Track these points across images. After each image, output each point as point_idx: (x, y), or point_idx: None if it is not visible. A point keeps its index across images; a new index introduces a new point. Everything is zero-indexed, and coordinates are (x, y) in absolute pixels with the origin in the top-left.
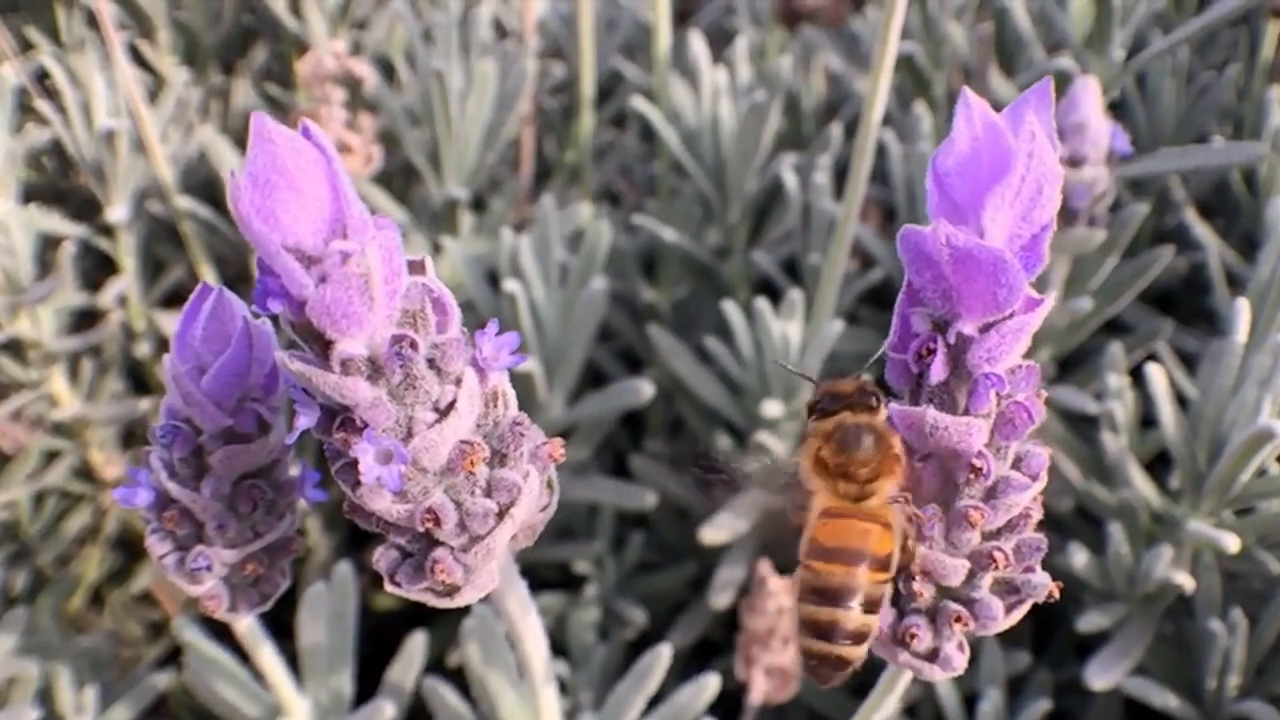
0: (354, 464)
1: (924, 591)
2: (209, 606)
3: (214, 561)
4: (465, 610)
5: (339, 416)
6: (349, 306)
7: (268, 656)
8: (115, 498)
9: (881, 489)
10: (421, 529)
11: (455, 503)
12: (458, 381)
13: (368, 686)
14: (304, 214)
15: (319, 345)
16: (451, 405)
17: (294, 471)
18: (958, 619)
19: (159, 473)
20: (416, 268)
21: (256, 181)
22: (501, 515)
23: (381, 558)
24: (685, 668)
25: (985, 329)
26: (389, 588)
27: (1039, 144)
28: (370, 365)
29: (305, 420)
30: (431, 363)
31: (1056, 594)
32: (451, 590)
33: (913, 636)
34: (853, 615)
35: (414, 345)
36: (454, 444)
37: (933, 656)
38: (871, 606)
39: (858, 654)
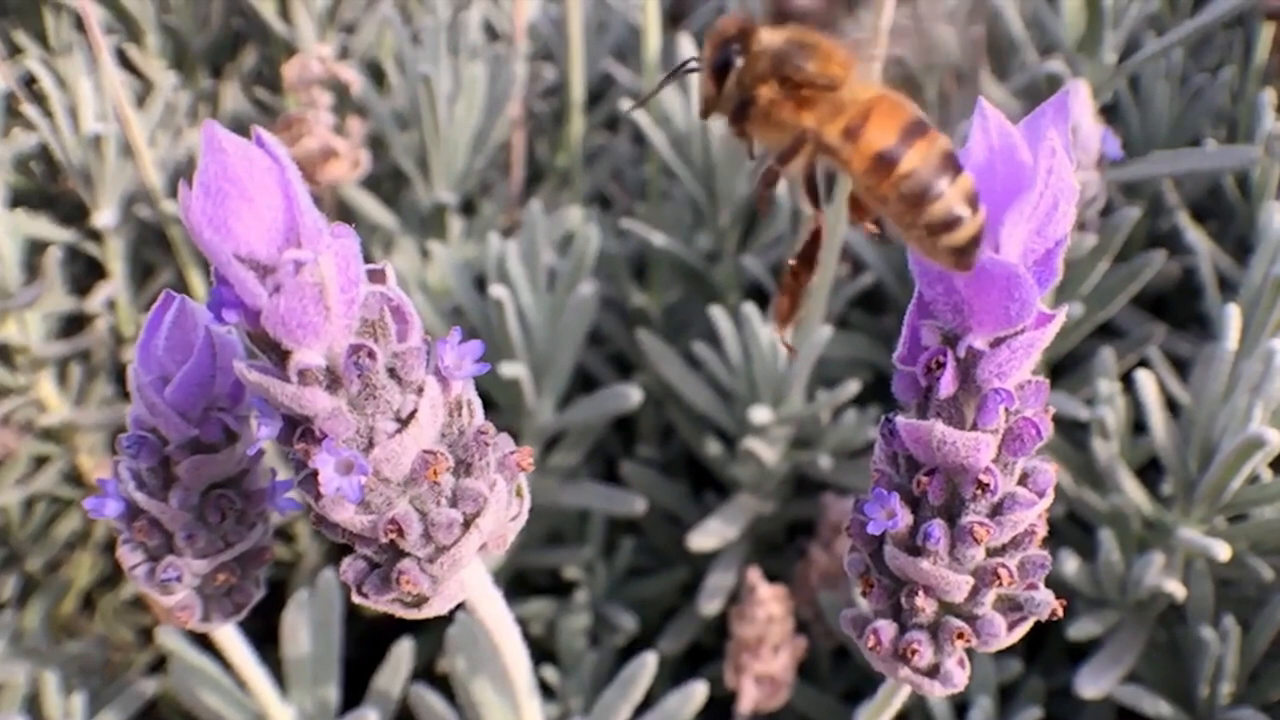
0: (315, 475)
1: (926, 607)
2: (181, 617)
3: (184, 572)
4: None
5: (299, 427)
6: (304, 316)
7: (249, 665)
8: (86, 508)
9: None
10: (385, 540)
11: (420, 513)
12: (419, 391)
13: (359, 692)
14: (256, 223)
15: (276, 355)
16: (413, 415)
17: (268, 480)
18: (960, 635)
19: (127, 483)
20: (376, 276)
21: (208, 190)
22: (467, 525)
23: (349, 568)
24: (679, 673)
25: (996, 344)
26: (356, 598)
27: (1058, 159)
28: (328, 375)
29: (267, 431)
30: (392, 372)
31: (1060, 611)
32: (419, 601)
33: (914, 652)
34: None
35: (372, 355)
36: (417, 454)
37: (933, 672)
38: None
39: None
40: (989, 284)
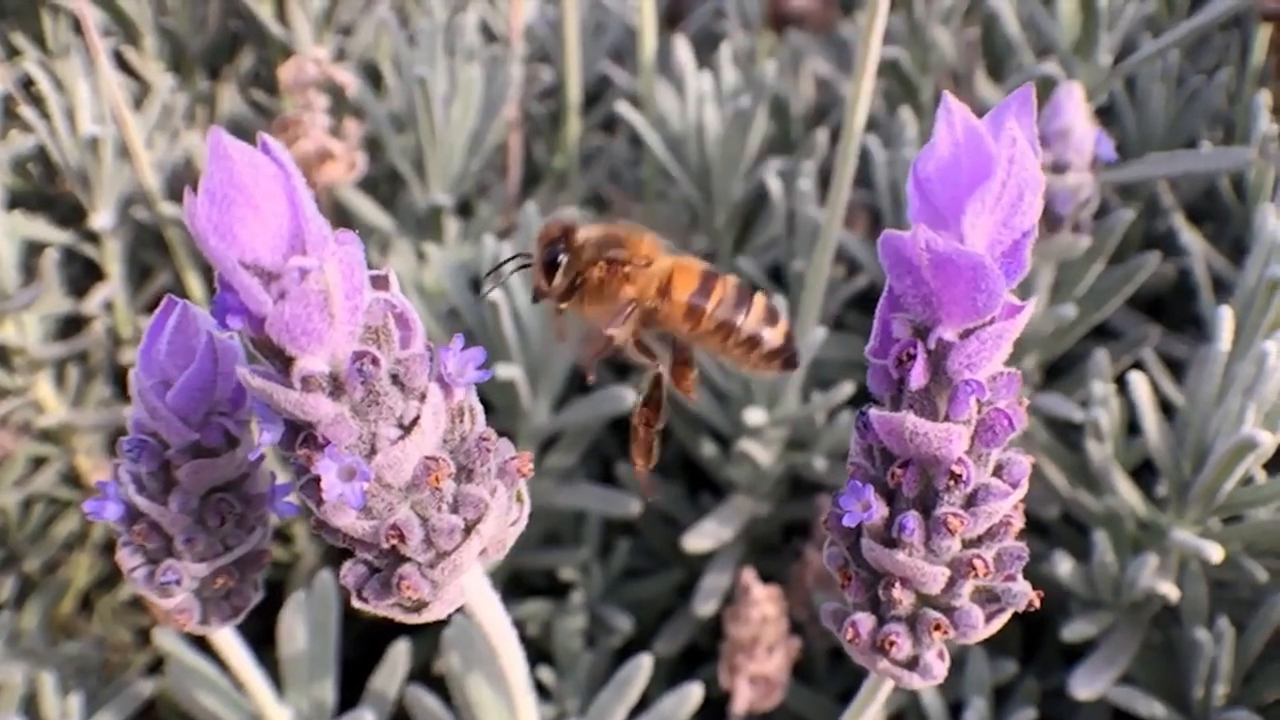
0: (317, 480)
1: (903, 599)
2: (180, 620)
3: (183, 575)
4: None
5: (302, 433)
6: (308, 323)
7: (246, 667)
8: (86, 510)
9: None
10: (387, 545)
11: (421, 519)
12: (422, 397)
13: (356, 693)
14: (262, 230)
15: (280, 361)
16: (415, 421)
17: (267, 484)
18: (937, 627)
19: (127, 486)
20: (380, 283)
21: (213, 197)
22: (468, 531)
23: (349, 573)
24: (674, 674)
25: (965, 335)
26: (356, 603)
27: (1020, 149)
28: (332, 382)
29: (269, 436)
30: (395, 378)
31: (1037, 603)
32: (419, 606)
33: (892, 644)
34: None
35: (375, 361)
36: (419, 460)
37: (913, 664)
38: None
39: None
40: (956, 275)
